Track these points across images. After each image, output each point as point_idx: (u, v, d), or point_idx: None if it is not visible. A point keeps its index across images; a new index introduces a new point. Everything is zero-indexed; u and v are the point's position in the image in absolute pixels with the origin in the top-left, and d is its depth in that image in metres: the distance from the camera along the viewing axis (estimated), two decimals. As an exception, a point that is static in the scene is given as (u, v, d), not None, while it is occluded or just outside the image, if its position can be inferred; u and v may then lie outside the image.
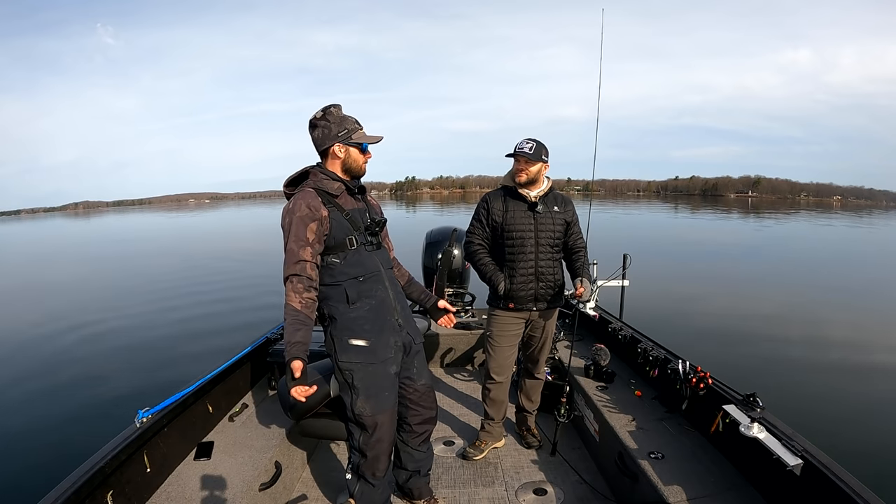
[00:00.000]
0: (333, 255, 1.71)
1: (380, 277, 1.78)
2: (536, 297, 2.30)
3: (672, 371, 2.28)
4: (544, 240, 2.28)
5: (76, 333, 7.52)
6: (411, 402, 1.90)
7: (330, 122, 1.72)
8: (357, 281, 1.72)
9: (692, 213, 44.83)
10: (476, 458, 2.45)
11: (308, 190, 1.71)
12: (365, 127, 1.79)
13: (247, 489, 1.84)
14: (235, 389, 2.53)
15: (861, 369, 5.53)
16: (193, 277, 12.25)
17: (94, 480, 1.52)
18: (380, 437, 1.75)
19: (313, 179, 1.74)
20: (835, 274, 12.05)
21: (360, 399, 1.72)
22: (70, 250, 24.25)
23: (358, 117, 1.79)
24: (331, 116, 1.72)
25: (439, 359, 3.68)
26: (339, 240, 1.70)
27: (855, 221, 36.94)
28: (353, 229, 1.73)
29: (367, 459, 1.77)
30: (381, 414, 1.74)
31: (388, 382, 1.77)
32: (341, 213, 1.72)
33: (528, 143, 2.23)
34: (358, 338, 1.72)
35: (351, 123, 1.74)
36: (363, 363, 1.72)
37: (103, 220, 71.95)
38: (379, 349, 1.74)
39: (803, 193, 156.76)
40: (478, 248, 2.36)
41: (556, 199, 2.33)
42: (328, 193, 1.71)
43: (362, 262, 1.74)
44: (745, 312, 7.97)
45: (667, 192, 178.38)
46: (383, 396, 1.75)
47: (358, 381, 1.72)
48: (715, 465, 1.85)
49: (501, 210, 2.29)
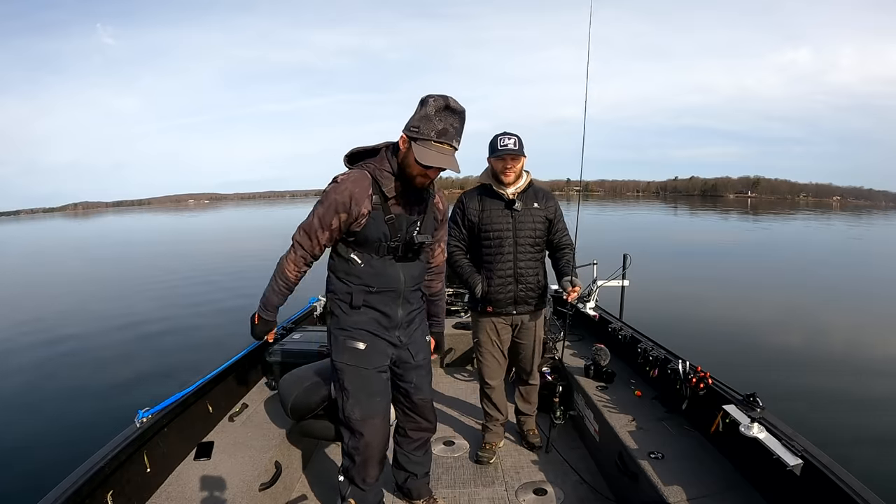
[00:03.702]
0: (356, 252, 1.61)
1: (395, 295, 1.66)
2: (516, 299, 2.22)
3: (672, 371, 2.27)
4: (523, 239, 2.18)
5: (76, 333, 7.52)
6: (408, 410, 1.86)
7: (420, 111, 1.47)
8: (366, 290, 1.63)
9: (691, 214, 44.85)
10: (491, 460, 2.40)
11: (365, 175, 1.55)
12: (438, 146, 1.46)
13: (247, 489, 1.83)
14: (235, 389, 2.53)
15: (861, 369, 5.54)
16: (194, 277, 12.26)
17: (94, 480, 1.52)
18: (369, 441, 1.69)
19: (377, 164, 1.57)
20: (835, 274, 12.06)
21: (349, 401, 1.67)
22: (70, 250, 24.23)
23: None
24: (424, 107, 1.47)
25: (439, 359, 3.68)
26: (369, 240, 1.58)
27: (854, 221, 36.96)
28: (388, 236, 1.58)
29: (356, 464, 1.72)
30: (371, 419, 1.68)
31: (379, 388, 1.71)
32: (385, 214, 1.57)
33: (510, 138, 2.09)
34: (354, 340, 1.66)
35: (430, 128, 1.45)
36: (356, 367, 1.66)
37: (103, 221, 71.92)
38: (374, 357, 1.68)
39: (802, 194, 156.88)
40: (453, 249, 2.25)
41: (536, 195, 2.22)
42: (382, 191, 1.56)
43: (383, 273, 1.62)
44: (746, 312, 7.98)
45: (666, 192, 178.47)
46: (374, 402, 1.69)
47: (349, 383, 1.66)
48: (715, 465, 1.85)
49: (477, 209, 2.20)
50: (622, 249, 3.56)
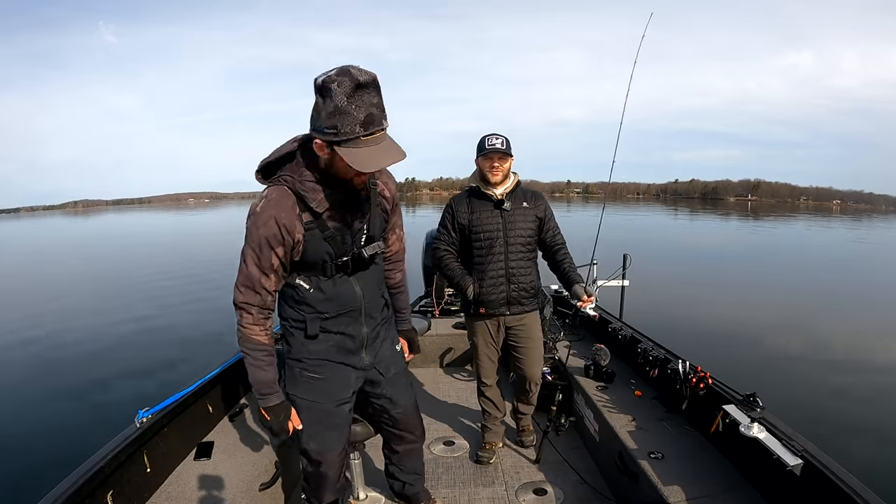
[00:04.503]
0: (302, 278, 1.39)
1: (356, 314, 1.47)
2: (509, 300, 2.20)
3: (672, 371, 2.28)
4: (514, 239, 2.17)
5: (76, 333, 7.53)
6: (390, 427, 1.72)
7: (323, 104, 1.15)
8: (321, 317, 1.43)
9: (691, 217, 44.86)
10: (491, 460, 2.42)
11: (285, 192, 1.29)
12: (369, 140, 1.16)
13: (247, 489, 1.83)
14: (235, 389, 2.53)
15: (861, 369, 5.55)
16: (194, 276, 12.25)
17: (94, 480, 1.52)
18: (324, 472, 1.57)
19: (296, 174, 1.30)
20: (835, 276, 12.08)
21: (304, 434, 1.50)
22: (70, 249, 24.22)
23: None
24: (327, 98, 1.14)
25: (439, 359, 3.68)
26: (311, 262, 1.37)
27: (854, 225, 36.97)
28: (333, 255, 1.37)
29: (311, 487, 1.63)
30: (328, 452, 1.55)
31: (339, 422, 1.55)
32: (322, 232, 1.34)
33: (498, 137, 2.10)
34: (310, 373, 1.47)
35: (349, 123, 1.14)
36: (313, 401, 1.49)
37: (103, 219, 71.94)
38: (334, 389, 1.50)
39: (803, 197, 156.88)
40: (444, 253, 2.25)
41: (525, 195, 2.21)
42: (308, 206, 1.30)
43: (335, 296, 1.42)
44: (746, 312, 7.99)
45: (666, 195, 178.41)
46: (331, 436, 1.54)
47: (304, 416, 1.48)
48: (715, 465, 1.85)
49: (466, 212, 2.20)
50: (622, 250, 3.56)
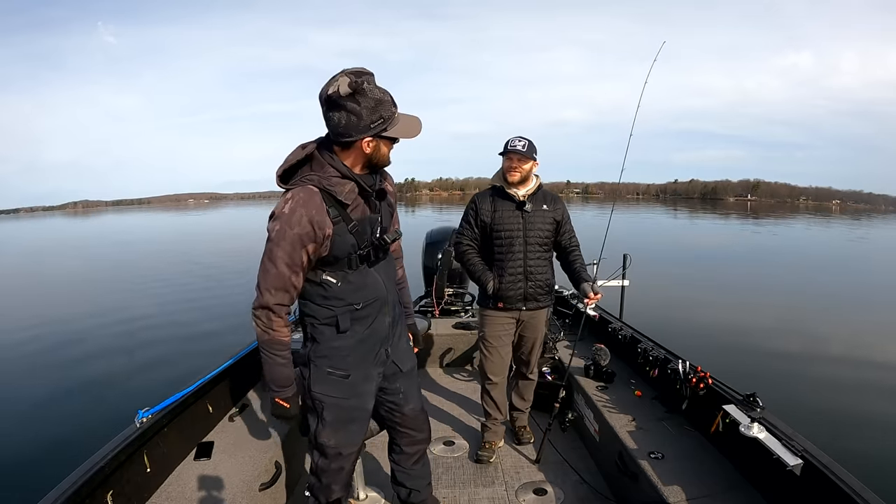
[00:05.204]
0: (329, 273, 1.41)
1: (380, 304, 1.50)
2: (526, 296, 2.31)
3: (672, 371, 2.28)
4: (533, 239, 2.28)
5: (76, 333, 7.52)
6: (399, 425, 1.73)
7: (361, 105, 1.26)
8: (353, 309, 1.45)
9: (691, 217, 44.86)
10: (491, 459, 2.44)
11: (312, 191, 1.32)
12: (401, 114, 1.35)
13: (247, 489, 1.84)
14: (235, 389, 2.53)
15: (861, 369, 5.54)
16: (194, 276, 12.26)
17: (94, 480, 1.51)
18: (340, 466, 1.57)
19: (319, 173, 1.34)
20: (835, 276, 12.08)
21: (326, 430, 1.52)
22: (69, 249, 24.21)
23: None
24: (363, 98, 1.26)
25: (439, 359, 3.68)
26: (338, 257, 1.40)
27: (854, 225, 36.99)
28: (357, 246, 1.41)
29: (322, 484, 1.61)
30: (346, 447, 1.56)
31: (361, 416, 1.57)
32: (348, 225, 1.38)
33: (521, 140, 2.22)
34: (338, 369, 1.49)
35: (388, 108, 1.30)
36: (339, 398, 1.51)
37: (102, 220, 71.90)
38: (359, 383, 1.53)
39: (802, 197, 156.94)
40: (466, 248, 2.36)
41: (546, 198, 2.33)
42: (338, 201, 1.35)
43: (364, 285, 1.46)
44: (745, 312, 7.99)
45: (666, 195, 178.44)
46: (353, 431, 1.56)
47: (328, 413, 1.51)
48: (715, 465, 1.85)
49: (490, 210, 2.29)
50: (621, 250, 3.56)
